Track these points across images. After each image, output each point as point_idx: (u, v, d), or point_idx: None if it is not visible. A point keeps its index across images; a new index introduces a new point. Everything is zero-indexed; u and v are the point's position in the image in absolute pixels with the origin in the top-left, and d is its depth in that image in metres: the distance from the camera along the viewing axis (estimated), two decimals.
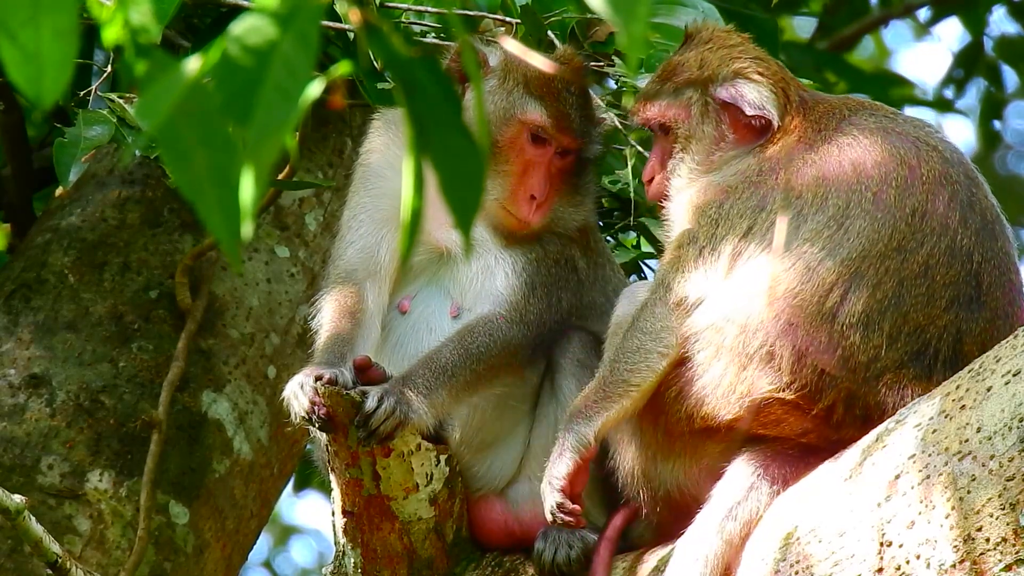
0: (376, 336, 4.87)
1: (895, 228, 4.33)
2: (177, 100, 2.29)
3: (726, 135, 4.62)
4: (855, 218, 4.34)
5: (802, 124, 4.55)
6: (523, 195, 4.85)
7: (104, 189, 6.02)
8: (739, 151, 4.61)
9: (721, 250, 4.42)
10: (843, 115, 4.54)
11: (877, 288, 4.30)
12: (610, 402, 4.46)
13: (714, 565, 4.28)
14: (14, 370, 5.74)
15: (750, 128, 4.60)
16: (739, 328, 4.33)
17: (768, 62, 4.67)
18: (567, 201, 4.95)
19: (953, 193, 4.38)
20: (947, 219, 4.36)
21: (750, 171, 4.52)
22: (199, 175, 2.30)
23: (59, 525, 5.54)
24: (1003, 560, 3.89)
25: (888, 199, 4.35)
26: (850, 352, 4.28)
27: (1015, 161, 10.91)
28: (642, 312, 4.50)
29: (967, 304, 4.33)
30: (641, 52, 2.68)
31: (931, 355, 4.29)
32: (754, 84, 4.61)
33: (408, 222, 2.45)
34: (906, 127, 4.50)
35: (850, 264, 4.30)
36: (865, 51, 10.23)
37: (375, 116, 5.08)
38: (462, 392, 4.69)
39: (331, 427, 4.55)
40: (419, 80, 2.43)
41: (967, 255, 4.34)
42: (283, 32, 2.37)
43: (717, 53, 4.68)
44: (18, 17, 2.27)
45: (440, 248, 4.87)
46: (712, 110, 4.64)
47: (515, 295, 4.82)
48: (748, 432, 4.35)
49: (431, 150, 2.43)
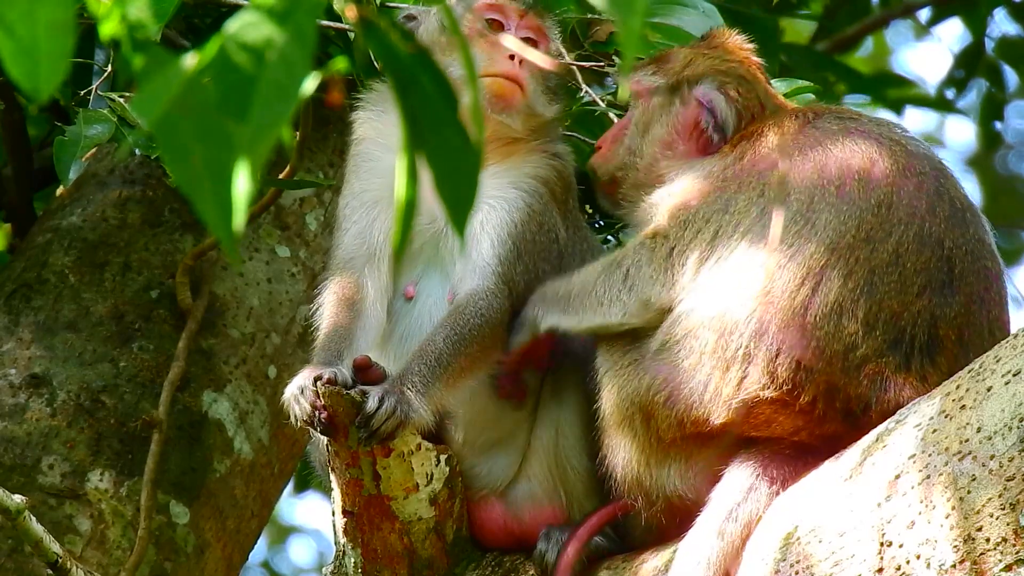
0: (378, 323, 4.85)
1: (862, 219, 4.36)
2: (174, 95, 2.30)
3: (678, 137, 4.71)
4: (821, 212, 4.38)
5: (767, 130, 4.60)
6: (501, 56, 4.85)
7: (105, 189, 6.03)
8: (692, 157, 4.68)
9: (688, 254, 4.47)
10: (807, 119, 4.58)
11: (848, 278, 4.32)
12: (576, 310, 4.65)
13: (716, 567, 4.28)
14: (15, 370, 5.74)
15: (703, 139, 4.69)
16: (716, 332, 4.35)
17: (752, 83, 4.72)
18: (542, 88, 4.96)
19: (919, 184, 4.42)
20: (914, 208, 4.39)
21: (713, 174, 4.58)
22: (196, 170, 2.30)
23: (59, 525, 5.54)
24: (1003, 560, 3.89)
25: (852, 192, 4.39)
26: (824, 342, 4.30)
27: (1015, 161, 10.90)
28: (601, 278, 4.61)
29: (940, 289, 4.35)
30: (638, 48, 2.68)
31: (907, 342, 4.32)
32: (727, 101, 4.69)
33: (401, 215, 2.45)
34: (869, 126, 4.56)
35: (819, 257, 4.33)
36: (865, 51, 10.24)
37: (360, 103, 5.08)
38: (459, 379, 4.68)
39: (332, 430, 4.55)
40: (414, 76, 2.43)
41: (937, 242, 4.37)
42: (280, 29, 2.37)
43: (708, 59, 4.75)
44: (14, 10, 2.28)
45: (437, 222, 4.86)
46: (675, 107, 4.72)
47: (501, 265, 4.81)
48: (741, 435, 4.36)
49: (426, 147, 2.43)
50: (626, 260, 4.61)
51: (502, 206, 4.86)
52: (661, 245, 4.55)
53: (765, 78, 4.81)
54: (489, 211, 4.85)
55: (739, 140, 4.64)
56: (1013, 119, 10.25)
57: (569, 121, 5.52)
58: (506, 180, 4.89)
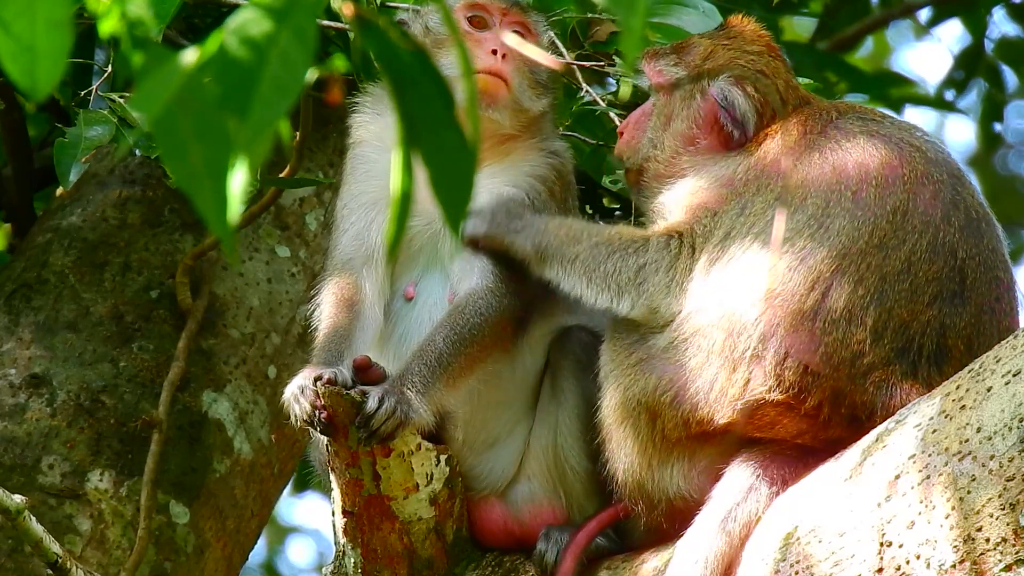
0: (377, 324, 4.86)
1: (876, 225, 4.35)
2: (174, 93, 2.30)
3: (699, 132, 4.68)
4: (835, 217, 4.36)
5: (789, 129, 4.57)
6: (484, 53, 4.85)
7: (105, 189, 6.03)
8: (714, 152, 4.65)
9: (702, 259, 4.46)
10: (830, 119, 4.56)
11: (859, 284, 4.31)
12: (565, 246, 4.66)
13: (715, 567, 4.28)
14: (15, 370, 5.74)
15: (723, 135, 4.65)
16: (725, 331, 4.35)
17: (772, 78, 4.69)
18: (529, 83, 4.95)
19: (936, 192, 4.40)
20: (929, 216, 4.38)
21: (732, 174, 4.56)
22: (195, 167, 2.30)
23: (59, 525, 5.54)
24: (1003, 560, 3.88)
25: (868, 197, 4.37)
26: (832, 348, 4.29)
27: (1015, 161, 10.91)
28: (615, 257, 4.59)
29: (950, 299, 4.35)
30: (639, 48, 2.68)
31: (915, 351, 4.31)
32: (745, 97, 4.64)
33: (396, 213, 2.45)
34: (891, 130, 4.53)
35: (831, 262, 4.32)
36: (865, 51, 10.24)
37: (358, 103, 5.09)
38: (459, 379, 4.68)
39: (332, 430, 4.55)
40: (411, 75, 2.43)
41: (950, 251, 4.36)
42: (280, 26, 2.37)
43: (728, 51, 4.72)
44: (12, 8, 2.28)
45: (436, 222, 4.86)
46: (696, 101, 4.70)
47: (500, 265, 4.80)
48: (745, 435, 4.35)
49: (422, 146, 2.43)
50: (646, 254, 4.59)
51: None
52: (679, 252, 4.52)
53: (786, 67, 4.79)
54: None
55: (764, 137, 4.60)
56: (1013, 119, 10.25)
57: (570, 121, 5.52)
58: (504, 179, 4.89)
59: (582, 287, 4.64)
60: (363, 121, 5.05)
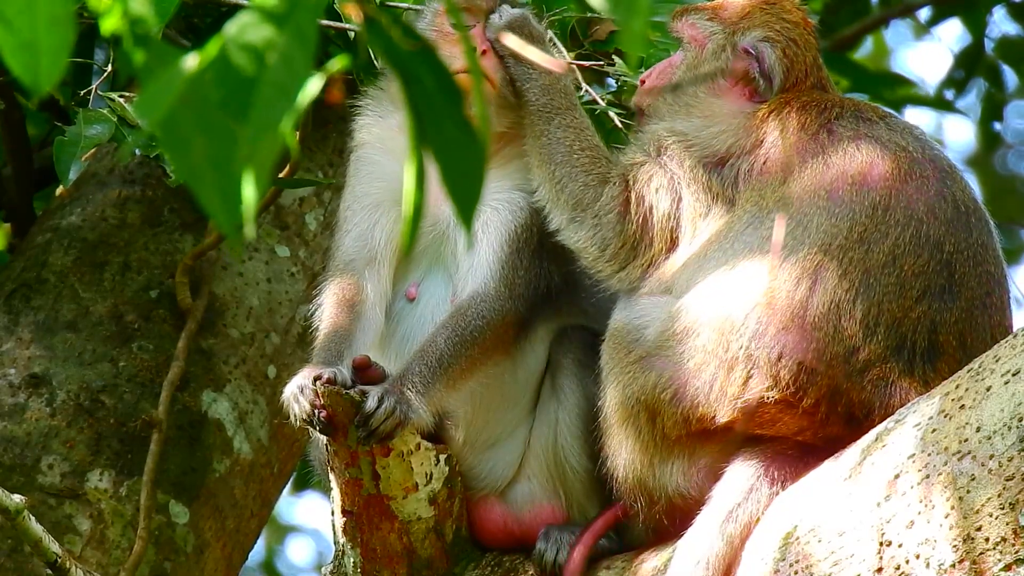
0: (378, 326, 4.86)
1: (854, 220, 4.37)
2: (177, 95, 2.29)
3: (725, 84, 4.69)
4: (812, 216, 4.38)
5: (787, 127, 4.57)
6: (467, 48, 4.85)
7: (104, 189, 6.03)
8: (728, 108, 4.66)
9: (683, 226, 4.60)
10: (828, 120, 4.57)
11: (842, 278, 4.32)
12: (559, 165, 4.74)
13: (715, 568, 4.28)
14: (14, 370, 5.74)
15: (749, 87, 4.67)
16: (716, 331, 4.36)
17: (802, 49, 4.71)
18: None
19: (919, 187, 4.41)
20: (912, 210, 4.39)
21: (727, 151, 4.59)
22: (199, 162, 2.30)
23: (59, 525, 5.54)
24: (1003, 560, 3.89)
25: (844, 195, 4.39)
26: (824, 344, 4.30)
27: (1015, 161, 10.90)
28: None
29: (939, 295, 4.35)
30: (641, 49, 2.68)
31: (909, 348, 4.32)
32: (776, 55, 4.67)
33: (410, 216, 2.45)
34: (881, 131, 4.54)
35: (812, 258, 4.34)
36: (865, 50, 10.23)
37: (361, 104, 5.09)
38: (459, 380, 4.69)
39: (331, 430, 4.55)
40: (419, 73, 2.43)
41: (936, 245, 4.37)
42: (281, 29, 2.37)
43: (765, 15, 4.74)
44: (15, 5, 2.28)
45: (440, 224, 4.86)
46: (726, 54, 4.71)
47: (503, 268, 4.81)
48: (745, 433, 4.36)
49: (431, 142, 2.43)
50: (604, 197, 4.71)
51: (505, 208, 4.86)
52: (635, 214, 4.63)
53: (816, 45, 4.80)
54: (492, 213, 4.86)
55: (767, 114, 4.62)
56: (1013, 119, 10.25)
57: None
58: (509, 182, 4.89)
59: (548, 189, 4.77)
60: (366, 123, 5.06)
